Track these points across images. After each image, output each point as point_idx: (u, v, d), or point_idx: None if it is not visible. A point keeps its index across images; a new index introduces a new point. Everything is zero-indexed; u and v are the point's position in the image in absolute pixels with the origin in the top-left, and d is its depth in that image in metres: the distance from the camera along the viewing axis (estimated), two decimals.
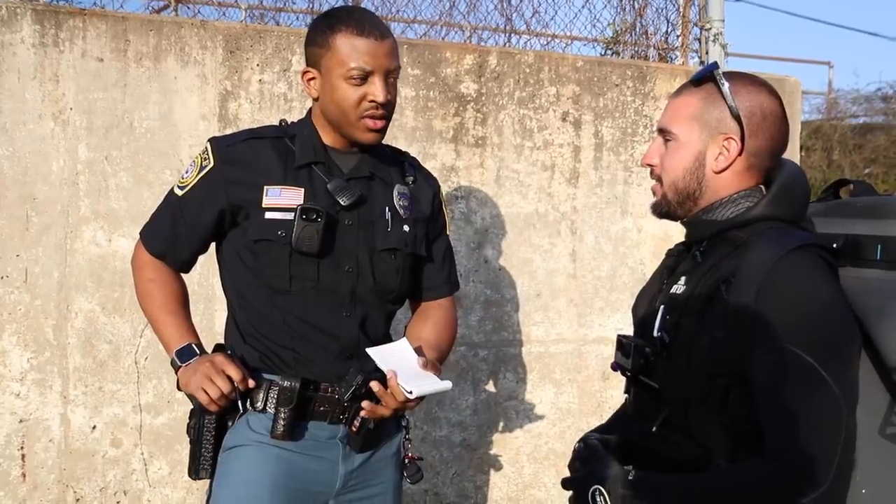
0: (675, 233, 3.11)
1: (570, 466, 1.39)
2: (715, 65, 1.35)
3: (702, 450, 1.27)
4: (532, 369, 2.99)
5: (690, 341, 1.29)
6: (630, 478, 1.24)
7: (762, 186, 1.35)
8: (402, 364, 1.52)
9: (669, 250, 1.47)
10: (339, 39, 1.53)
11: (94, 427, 2.57)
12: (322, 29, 1.57)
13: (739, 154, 1.32)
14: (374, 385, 1.49)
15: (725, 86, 1.31)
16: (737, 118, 1.31)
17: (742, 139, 1.31)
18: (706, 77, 1.35)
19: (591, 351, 3.06)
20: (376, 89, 1.53)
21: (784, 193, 1.32)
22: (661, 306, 1.36)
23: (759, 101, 1.32)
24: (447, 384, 1.51)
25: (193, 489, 2.65)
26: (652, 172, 1.41)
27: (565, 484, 1.37)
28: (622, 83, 3.09)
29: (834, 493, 1.19)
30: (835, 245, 1.29)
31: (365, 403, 1.51)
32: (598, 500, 1.26)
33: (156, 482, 2.63)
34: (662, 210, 1.40)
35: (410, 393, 1.46)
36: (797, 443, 1.16)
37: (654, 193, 1.42)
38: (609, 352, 3.06)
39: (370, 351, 1.54)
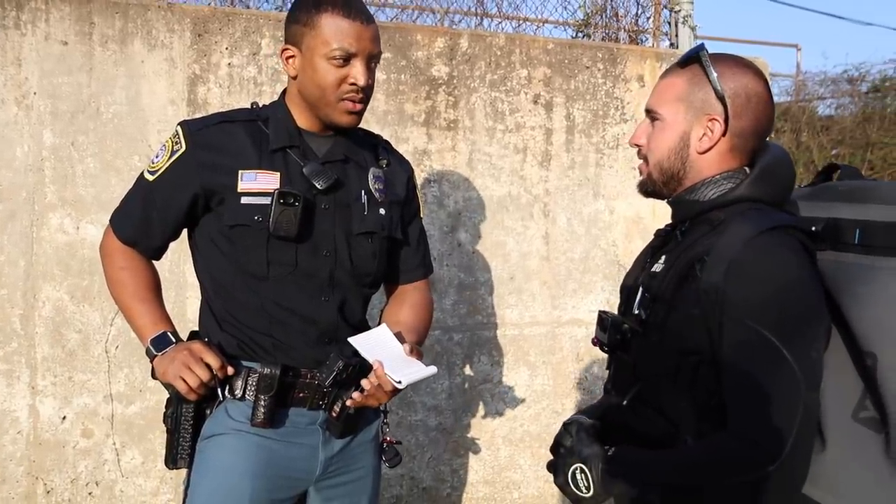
0: (647, 214, 3.15)
1: (553, 449, 1.41)
2: (701, 46, 1.36)
3: (670, 425, 1.30)
4: (506, 352, 3.00)
5: (664, 319, 1.32)
6: (608, 454, 1.28)
7: (746, 168, 1.36)
8: (386, 352, 1.51)
9: (658, 230, 1.49)
10: (325, 19, 1.51)
11: (65, 418, 2.53)
12: (307, 7, 1.54)
13: (723, 135, 1.33)
14: (365, 382, 1.49)
15: (710, 67, 1.33)
16: (721, 99, 1.32)
17: (726, 120, 1.32)
18: (692, 58, 1.36)
19: (564, 333, 3.08)
20: (358, 72, 1.52)
21: (766, 175, 1.33)
22: (641, 284, 1.38)
23: (745, 83, 1.33)
24: (432, 369, 1.50)
25: (167, 479, 2.62)
26: (639, 152, 1.43)
27: (549, 467, 1.39)
28: (593, 65, 3.09)
29: (791, 467, 1.23)
30: (814, 228, 1.30)
31: (356, 395, 1.50)
32: (578, 478, 1.29)
33: (128, 472, 2.59)
34: (648, 189, 1.43)
35: (399, 383, 1.45)
36: (756, 419, 1.20)
37: (641, 172, 1.44)
38: (582, 333, 3.08)
39: (352, 340, 1.53)
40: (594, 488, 1.27)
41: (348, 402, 1.52)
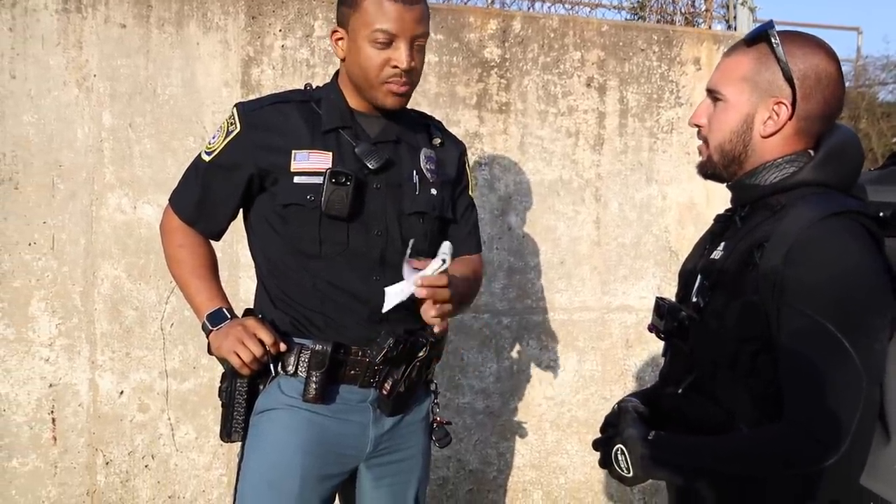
0: (700, 200, 3.09)
1: (602, 429, 1.40)
2: (771, 24, 1.29)
3: (726, 414, 1.27)
4: (555, 337, 2.99)
5: (723, 306, 1.28)
6: (649, 437, 1.26)
7: (811, 151, 1.31)
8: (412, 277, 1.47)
9: (718, 215, 1.45)
10: (368, 1, 1.51)
11: (122, 392, 2.60)
12: None
13: (790, 118, 1.28)
14: (419, 291, 1.43)
15: (779, 46, 1.26)
16: (789, 81, 1.26)
17: (793, 103, 1.27)
18: (760, 36, 1.29)
19: (614, 319, 3.05)
20: (400, 55, 1.51)
21: (831, 158, 1.28)
22: (700, 271, 1.35)
23: (815, 63, 1.27)
24: (446, 244, 1.46)
25: (220, 454, 2.68)
26: (699, 133, 1.38)
27: (595, 445, 1.39)
28: (648, 48, 3.04)
29: (848, 463, 1.17)
30: (881, 213, 1.25)
31: (432, 311, 1.45)
32: (619, 458, 1.28)
33: (182, 447, 2.66)
34: (708, 171, 1.38)
35: (444, 262, 1.41)
36: (813, 410, 1.16)
37: (700, 153, 1.39)
38: (632, 320, 3.05)
39: (387, 294, 1.49)
40: (633, 470, 1.26)
41: (437, 328, 1.47)
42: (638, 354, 3.08)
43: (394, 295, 1.49)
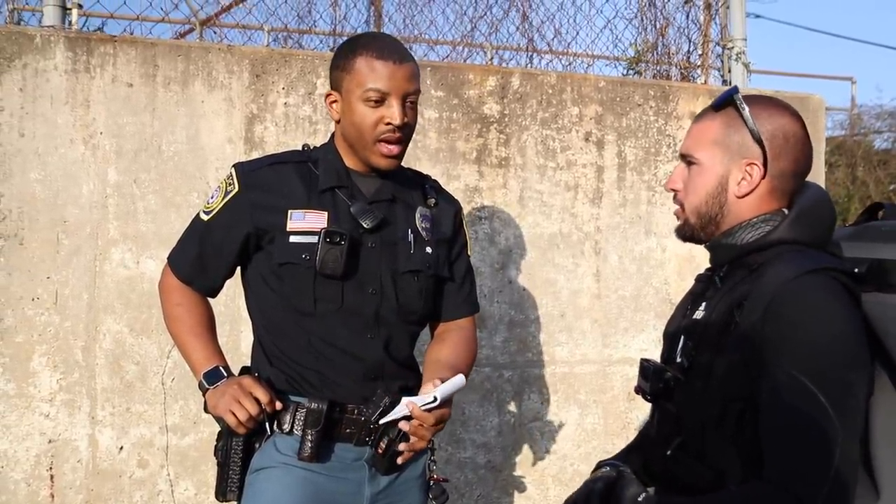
0: (699, 252, 3.09)
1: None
2: (735, 89, 1.34)
3: (714, 473, 1.27)
4: (557, 390, 2.98)
5: (707, 366, 1.29)
6: (640, 499, 1.25)
7: (784, 210, 1.34)
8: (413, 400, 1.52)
9: (699, 275, 1.47)
10: (359, 62, 1.55)
11: (122, 448, 2.59)
12: (345, 52, 1.60)
13: (763, 178, 1.31)
14: (403, 424, 1.50)
15: (746, 110, 1.31)
16: (759, 142, 1.30)
17: (765, 163, 1.30)
18: (726, 101, 1.34)
19: (615, 371, 3.04)
20: (393, 112, 1.55)
21: (805, 216, 1.31)
22: (683, 332, 1.36)
23: (781, 124, 1.31)
24: (460, 377, 1.50)
25: None
26: (675, 197, 1.41)
27: None
28: (645, 103, 3.09)
29: None
30: (857, 270, 1.27)
31: (402, 446, 1.52)
32: None
33: (182, 503, 2.64)
34: (686, 234, 1.41)
35: (434, 400, 1.45)
36: (790, 467, 1.16)
37: (678, 217, 1.42)
38: (634, 372, 3.03)
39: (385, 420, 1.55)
40: None
41: (400, 455, 1.54)
42: (640, 407, 3.06)
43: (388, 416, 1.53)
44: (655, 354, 1.52)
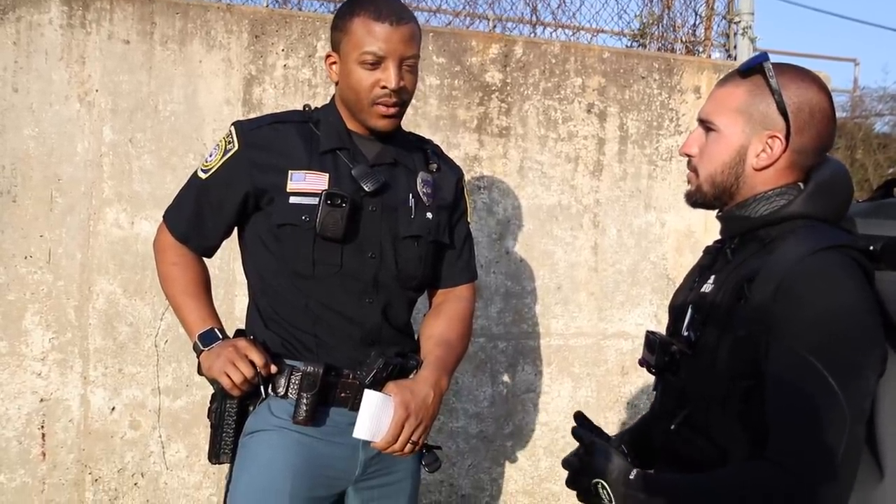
0: (698, 228, 3.09)
1: (566, 461, 1.37)
2: (765, 55, 1.28)
3: (718, 450, 1.25)
4: (550, 362, 2.98)
5: (715, 341, 1.26)
6: (631, 477, 1.22)
7: (801, 184, 1.30)
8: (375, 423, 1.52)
9: (707, 247, 1.44)
10: (356, 23, 1.52)
11: (114, 408, 2.58)
12: (344, 13, 1.57)
13: (783, 152, 1.27)
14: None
15: (774, 79, 1.25)
16: (784, 114, 1.25)
17: (787, 136, 1.26)
18: (755, 68, 1.28)
19: (610, 345, 3.04)
20: (389, 75, 1.52)
21: (821, 191, 1.27)
22: (691, 305, 1.34)
23: (809, 97, 1.26)
24: (372, 396, 1.50)
25: (210, 473, 2.66)
26: (689, 162, 1.37)
27: (565, 464, 1.35)
28: (648, 76, 3.05)
29: (834, 501, 1.15)
30: (871, 247, 1.24)
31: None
32: (601, 493, 1.25)
33: (173, 465, 2.64)
34: (696, 200, 1.36)
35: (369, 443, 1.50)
36: (796, 448, 1.14)
37: (689, 182, 1.37)
38: (628, 347, 3.04)
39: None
40: None
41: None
42: (633, 381, 3.07)
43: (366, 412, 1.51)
44: (651, 329, 1.50)
